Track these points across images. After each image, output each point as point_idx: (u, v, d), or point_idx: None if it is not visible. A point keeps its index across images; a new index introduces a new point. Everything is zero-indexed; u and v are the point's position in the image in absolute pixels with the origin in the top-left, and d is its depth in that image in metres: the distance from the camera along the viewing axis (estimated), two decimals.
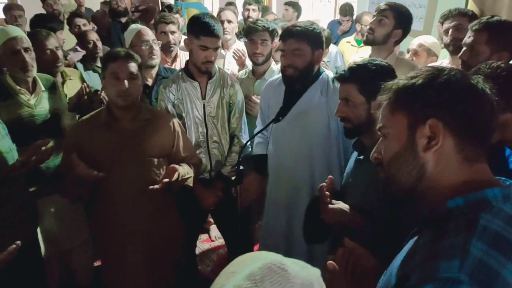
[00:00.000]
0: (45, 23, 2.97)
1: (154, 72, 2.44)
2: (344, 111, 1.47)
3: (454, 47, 2.25)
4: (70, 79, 2.52)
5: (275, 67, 2.54)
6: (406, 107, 0.82)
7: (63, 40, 3.01)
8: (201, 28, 1.98)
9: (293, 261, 0.62)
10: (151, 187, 1.76)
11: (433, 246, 0.73)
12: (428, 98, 0.79)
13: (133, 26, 2.59)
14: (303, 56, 1.88)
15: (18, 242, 1.36)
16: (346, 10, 4.43)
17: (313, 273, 0.62)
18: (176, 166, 1.82)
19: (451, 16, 2.33)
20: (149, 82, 2.41)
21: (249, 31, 2.43)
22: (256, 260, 0.60)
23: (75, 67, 2.90)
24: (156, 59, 2.43)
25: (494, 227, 0.71)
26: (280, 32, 2.55)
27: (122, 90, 1.75)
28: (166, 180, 1.76)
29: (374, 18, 2.27)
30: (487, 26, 1.72)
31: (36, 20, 3.23)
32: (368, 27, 2.31)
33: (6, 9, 4.14)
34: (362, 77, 1.40)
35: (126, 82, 1.74)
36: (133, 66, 1.78)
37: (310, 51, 1.88)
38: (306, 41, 1.86)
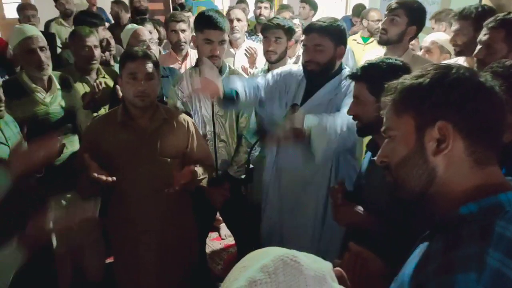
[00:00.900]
0: (87, 18, 3.00)
1: None
2: (355, 109, 1.47)
3: (454, 51, 2.23)
4: (104, 77, 2.53)
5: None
6: (413, 108, 0.78)
7: (104, 37, 2.96)
8: (205, 22, 1.99)
9: (304, 254, 0.62)
10: (167, 190, 1.75)
11: (447, 255, 0.70)
12: (437, 99, 0.75)
13: (129, 26, 2.59)
14: (325, 52, 1.85)
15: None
16: (360, 11, 4.39)
17: (325, 266, 0.62)
18: (192, 166, 1.82)
19: (462, 17, 2.21)
20: None
21: (264, 28, 2.43)
22: (268, 254, 0.60)
23: (109, 64, 2.90)
24: None
25: (510, 235, 0.68)
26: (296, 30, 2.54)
27: (139, 91, 1.75)
28: (183, 182, 1.76)
29: (386, 18, 2.22)
30: (504, 23, 1.68)
31: (79, 16, 3.25)
32: (380, 27, 2.27)
33: (20, 8, 4.19)
34: (372, 76, 1.39)
35: (143, 82, 1.75)
36: (150, 66, 1.77)
37: (332, 47, 1.86)
38: (328, 37, 1.84)
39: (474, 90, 0.75)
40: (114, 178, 1.69)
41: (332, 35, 1.85)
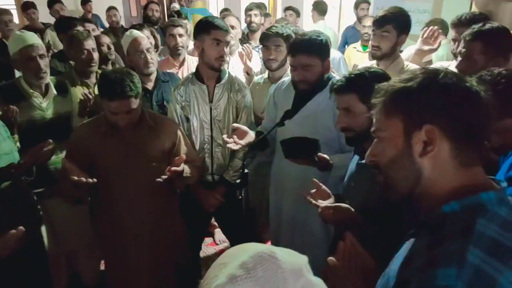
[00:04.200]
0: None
1: (153, 77, 2.46)
2: (345, 121, 1.47)
3: (456, 58, 2.23)
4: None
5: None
6: (401, 111, 0.81)
7: (104, 42, 2.98)
8: (211, 24, 2.02)
9: (281, 249, 0.64)
10: (158, 179, 1.73)
11: (430, 251, 0.73)
12: (425, 103, 0.78)
13: (127, 33, 2.55)
14: (315, 70, 1.88)
15: (21, 227, 1.37)
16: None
17: (301, 259, 0.64)
18: (183, 156, 1.81)
19: (460, 24, 2.24)
20: (149, 86, 2.43)
21: (263, 38, 2.45)
22: (246, 251, 0.62)
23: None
24: (152, 67, 2.40)
25: (490, 233, 0.71)
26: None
27: (123, 123, 1.77)
28: (174, 169, 1.74)
29: (375, 34, 2.20)
30: (479, 36, 1.72)
31: (62, 22, 3.31)
32: (372, 44, 2.24)
33: None
34: (361, 86, 1.41)
35: (125, 115, 1.75)
36: (132, 102, 1.74)
37: (320, 64, 1.88)
38: (315, 54, 1.86)
39: (461, 95, 0.77)
40: (95, 180, 1.67)
41: (318, 52, 1.87)
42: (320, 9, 4.60)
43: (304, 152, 1.70)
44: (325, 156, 1.73)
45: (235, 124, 1.92)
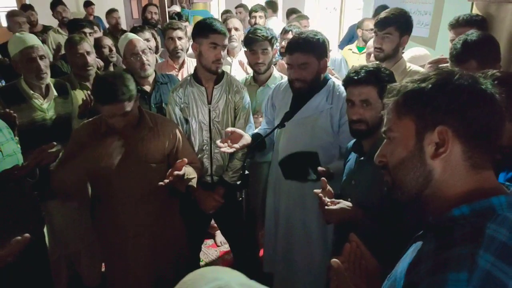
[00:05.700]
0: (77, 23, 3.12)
1: (151, 79, 2.46)
2: (362, 113, 1.46)
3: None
4: None
5: (277, 73, 2.55)
6: (414, 112, 0.80)
7: (106, 44, 3.03)
8: (209, 27, 2.02)
9: (250, 285, 0.59)
10: (160, 183, 1.75)
11: (439, 255, 0.72)
12: (438, 105, 0.77)
13: (123, 36, 2.53)
14: (311, 69, 1.89)
15: (27, 235, 1.36)
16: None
17: None
18: (185, 159, 1.82)
19: (458, 25, 2.27)
20: (147, 88, 2.43)
21: (249, 42, 2.44)
22: (205, 282, 0.58)
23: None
24: (149, 69, 2.40)
25: (501, 237, 0.70)
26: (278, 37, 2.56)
27: (119, 126, 1.78)
28: (176, 172, 1.76)
29: (377, 36, 2.21)
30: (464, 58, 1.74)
31: (71, 24, 3.34)
32: (374, 46, 2.26)
33: (9, 15, 4.01)
34: (381, 81, 1.41)
35: (121, 118, 1.76)
36: (126, 105, 1.74)
37: (316, 63, 1.90)
38: (312, 53, 1.87)
39: (475, 98, 0.76)
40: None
41: (315, 51, 1.88)
42: (273, 7, 4.95)
43: (303, 170, 1.74)
44: (324, 169, 1.73)
45: (229, 128, 1.94)
